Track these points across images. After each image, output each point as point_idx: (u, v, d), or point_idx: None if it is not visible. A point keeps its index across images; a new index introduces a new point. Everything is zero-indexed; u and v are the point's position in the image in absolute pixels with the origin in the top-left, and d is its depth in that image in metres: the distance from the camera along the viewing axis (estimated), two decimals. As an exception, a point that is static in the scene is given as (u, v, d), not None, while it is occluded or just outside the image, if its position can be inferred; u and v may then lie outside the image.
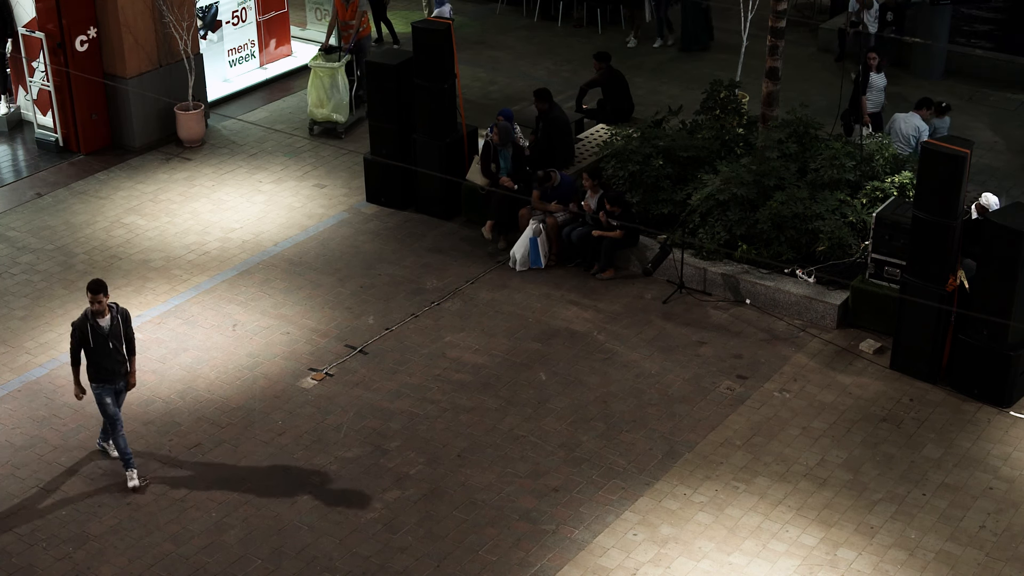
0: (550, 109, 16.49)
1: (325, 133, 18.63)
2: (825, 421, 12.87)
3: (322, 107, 18.57)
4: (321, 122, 18.66)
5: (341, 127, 18.66)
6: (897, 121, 16.55)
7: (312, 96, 18.64)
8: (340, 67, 18.54)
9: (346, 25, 19.19)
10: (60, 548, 11.30)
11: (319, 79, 18.49)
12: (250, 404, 13.16)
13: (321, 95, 18.54)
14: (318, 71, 18.53)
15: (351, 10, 19.12)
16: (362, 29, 19.16)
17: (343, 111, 18.62)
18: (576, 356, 13.89)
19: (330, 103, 18.51)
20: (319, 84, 18.51)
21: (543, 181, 15.42)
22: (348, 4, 19.15)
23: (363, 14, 19.18)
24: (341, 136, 18.58)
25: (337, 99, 18.52)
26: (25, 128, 18.96)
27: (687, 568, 11.08)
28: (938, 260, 12.91)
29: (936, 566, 11.09)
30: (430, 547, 11.30)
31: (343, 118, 18.63)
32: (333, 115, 18.57)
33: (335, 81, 18.47)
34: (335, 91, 18.50)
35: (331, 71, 18.47)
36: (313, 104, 18.65)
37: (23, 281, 15.31)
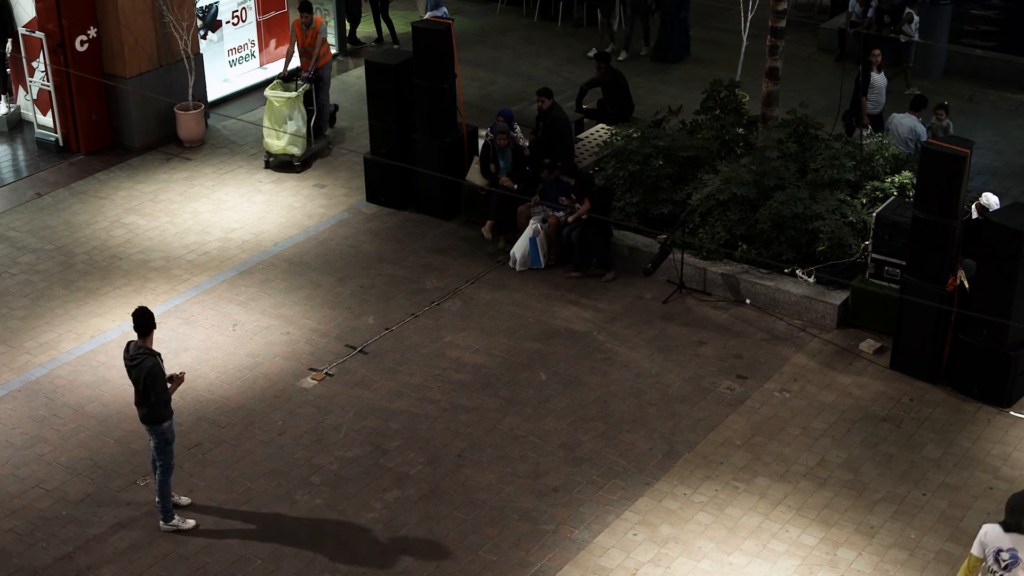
0: (551, 108, 16.50)
1: (281, 166, 17.76)
2: (825, 421, 12.87)
3: (277, 139, 17.59)
4: (276, 155, 17.71)
5: (297, 160, 17.67)
6: (895, 121, 16.56)
7: (267, 127, 17.70)
8: (297, 97, 17.62)
9: (305, 52, 18.13)
10: (60, 548, 11.30)
11: (275, 109, 17.54)
12: (250, 404, 13.16)
13: (277, 127, 17.61)
14: (273, 101, 17.56)
15: (311, 36, 18.03)
16: (323, 56, 18.14)
17: (300, 143, 17.62)
18: (576, 356, 13.89)
19: (286, 135, 17.58)
20: (275, 115, 17.55)
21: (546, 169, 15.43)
22: (308, 29, 18.07)
23: (323, 41, 18.14)
24: (297, 169, 17.67)
25: (294, 131, 17.58)
26: (25, 128, 18.96)
27: (687, 568, 11.08)
28: (938, 260, 12.91)
29: (936, 566, 11.08)
30: (430, 547, 11.30)
31: (299, 151, 17.63)
32: (289, 148, 17.59)
33: (292, 112, 17.57)
34: (292, 122, 17.57)
35: (288, 101, 17.55)
36: (268, 136, 17.66)
37: (23, 281, 15.31)
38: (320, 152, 18.12)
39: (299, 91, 17.67)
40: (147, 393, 11.04)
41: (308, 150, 17.82)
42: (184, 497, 11.71)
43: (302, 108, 17.68)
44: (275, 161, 17.76)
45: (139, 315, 11.03)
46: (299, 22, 18.04)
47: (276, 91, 17.68)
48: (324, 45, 18.12)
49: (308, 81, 17.87)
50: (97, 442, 12.60)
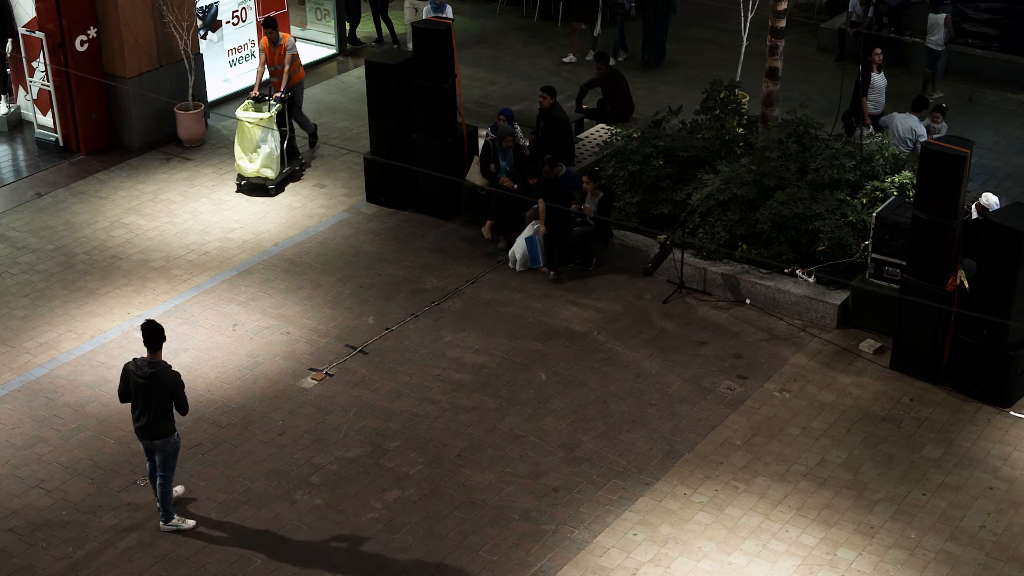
0: (553, 107, 16.50)
1: (254, 189, 17.14)
2: (825, 421, 12.87)
3: (250, 162, 16.97)
4: (249, 178, 17.10)
5: (271, 183, 17.05)
6: (894, 120, 16.55)
7: (239, 149, 17.06)
8: (270, 118, 16.96)
9: (275, 70, 17.54)
10: (60, 548, 11.30)
11: (246, 131, 16.94)
12: (250, 404, 13.16)
13: (249, 149, 16.98)
14: (245, 122, 16.96)
15: (279, 53, 17.42)
16: (295, 74, 17.59)
17: (273, 166, 16.98)
18: (576, 356, 13.88)
19: (259, 158, 16.93)
20: (246, 137, 16.95)
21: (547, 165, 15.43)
22: (275, 47, 17.42)
23: (294, 58, 17.52)
24: (271, 193, 17.06)
25: (267, 153, 16.92)
26: (25, 128, 18.96)
27: (687, 568, 11.08)
28: (938, 260, 12.91)
29: (936, 566, 11.09)
30: (430, 547, 11.30)
31: (273, 174, 17.00)
32: (262, 171, 16.97)
33: (264, 134, 16.94)
34: (264, 144, 16.93)
35: (260, 122, 16.92)
36: (240, 158, 17.05)
37: (23, 281, 15.31)
38: (293, 175, 17.55)
39: (271, 111, 17.00)
40: (170, 406, 11.07)
41: (282, 173, 17.22)
42: (179, 487, 11.75)
43: (275, 129, 17.04)
44: (247, 185, 17.14)
45: (150, 329, 11.02)
46: (266, 40, 17.51)
47: (248, 112, 17.09)
48: (295, 62, 17.58)
49: (281, 101, 17.21)
50: (97, 442, 12.60)
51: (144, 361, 11.03)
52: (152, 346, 11.02)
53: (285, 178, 17.37)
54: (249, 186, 17.13)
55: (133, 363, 11.06)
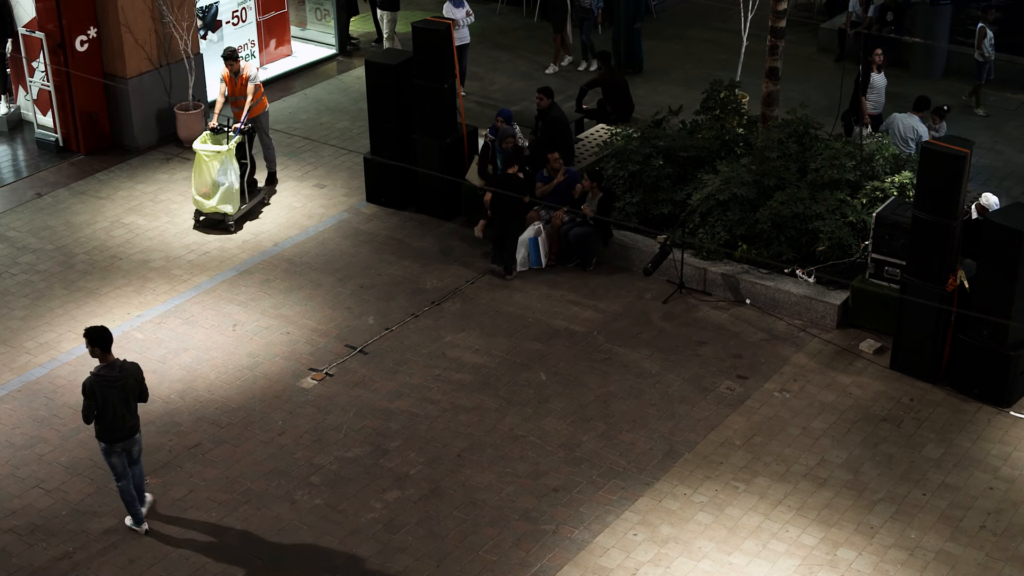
0: (550, 108, 16.50)
1: (213, 225, 16.21)
2: (825, 421, 12.87)
3: (208, 197, 16.07)
4: (207, 213, 16.18)
5: (230, 219, 16.15)
6: (895, 121, 16.55)
7: (196, 183, 16.16)
8: (229, 151, 16.07)
9: (236, 101, 16.80)
10: (60, 548, 11.30)
11: (204, 165, 16.01)
12: (250, 404, 13.16)
13: (207, 183, 16.05)
14: (203, 155, 16.01)
15: (240, 84, 16.69)
16: (257, 104, 16.75)
17: (233, 201, 16.11)
18: (576, 356, 13.88)
19: (217, 193, 16.00)
20: (204, 170, 16.02)
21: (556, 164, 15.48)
22: (237, 77, 16.70)
23: (256, 88, 16.72)
24: (231, 230, 16.19)
25: (225, 188, 16.00)
26: (25, 128, 18.96)
27: (687, 568, 11.08)
28: (938, 260, 12.91)
29: (936, 566, 11.09)
30: (430, 547, 11.30)
31: (232, 209, 16.12)
32: (220, 207, 16.05)
33: (223, 167, 16.01)
34: (223, 178, 16.01)
35: (218, 155, 15.99)
36: (197, 193, 16.15)
37: (23, 281, 15.31)
38: (256, 209, 16.68)
39: (230, 144, 16.14)
40: (141, 396, 11.15)
41: (242, 208, 16.35)
42: (149, 495, 11.74)
43: (234, 162, 16.17)
44: (206, 220, 16.22)
45: (100, 333, 10.91)
46: (227, 72, 16.79)
47: (205, 144, 16.19)
48: (257, 92, 16.78)
49: (240, 133, 16.38)
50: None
51: (104, 367, 10.93)
52: (107, 348, 10.92)
53: (246, 214, 16.47)
54: (207, 222, 16.23)
55: (94, 377, 10.89)
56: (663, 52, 21.87)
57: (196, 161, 16.11)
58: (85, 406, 10.95)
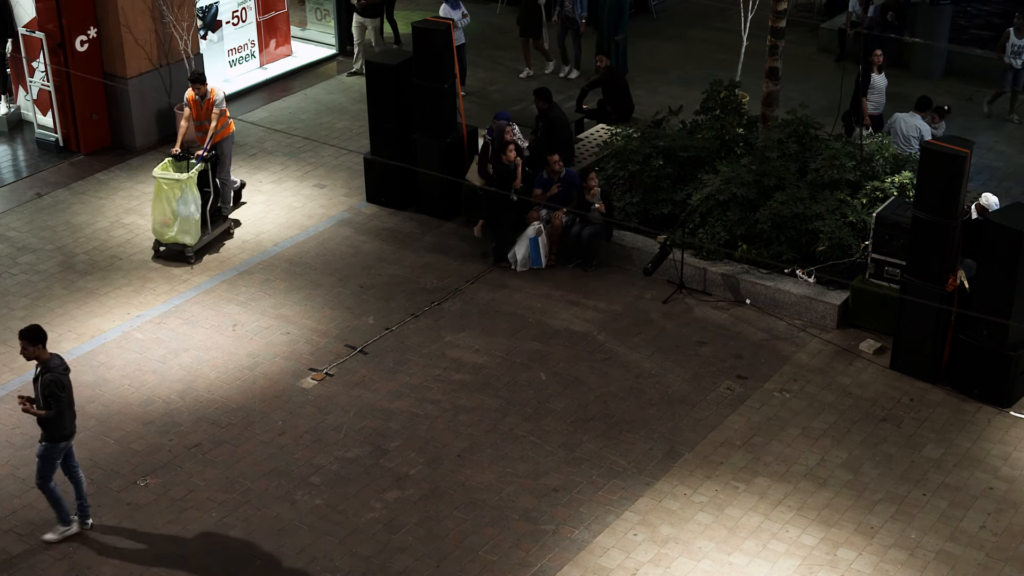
0: (550, 109, 16.50)
1: (173, 256, 15.60)
2: (825, 421, 12.87)
3: (167, 226, 15.40)
4: (167, 243, 15.56)
5: (190, 251, 15.50)
6: (898, 121, 16.54)
7: (156, 213, 15.48)
8: (190, 179, 15.38)
9: (200, 126, 16.17)
10: (60, 548, 11.30)
11: (164, 193, 15.34)
12: (250, 404, 13.16)
13: (166, 212, 15.38)
14: (162, 183, 15.33)
15: (206, 108, 16.06)
16: (221, 130, 16.03)
17: (192, 232, 15.42)
18: (576, 356, 13.88)
19: (176, 222, 15.36)
20: (164, 199, 15.35)
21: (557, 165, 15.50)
22: (203, 100, 16.07)
23: (222, 113, 16.02)
24: (191, 262, 15.52)
25: (185, 218, 15.35)
26: (25, 128, 18.96)
27: (687, 568, 11.08)
28: (938, 260, 12.91)
29: (936, 566, 11.09)
30: (430, 547, 11.30)
31: (192, 240, 15.44)
32: (180, 237, 15.40)
33: (184, 196, 15.33)
34: (183, 207, 15.34)
35: (178, 184, 15.31)
36: (157, 222, 15.50)
37: (23, 281, 15.31)
38: (220, 238, 16.02)
39: (192, 172, 15.46)
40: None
41: (203, 239, 15.66)
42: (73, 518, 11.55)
43: (195, 191, 15.45)
44: (166, 251, 15.63)
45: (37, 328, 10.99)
46: (192, 94, 16.16)
47: (166, 172, 15.50)
48: (222, 117, 16.04)
49: (203, 160, 15.65)
50: (97, 442, 12.60)
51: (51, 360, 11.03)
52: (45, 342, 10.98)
53: (208, 243, 15.81)
54: (166, 252, 15.63)
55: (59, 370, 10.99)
56: (663, 52, 21.87)
57: (155, 189, 15.40)
58: (60, 401, 10.95)
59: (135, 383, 13.45)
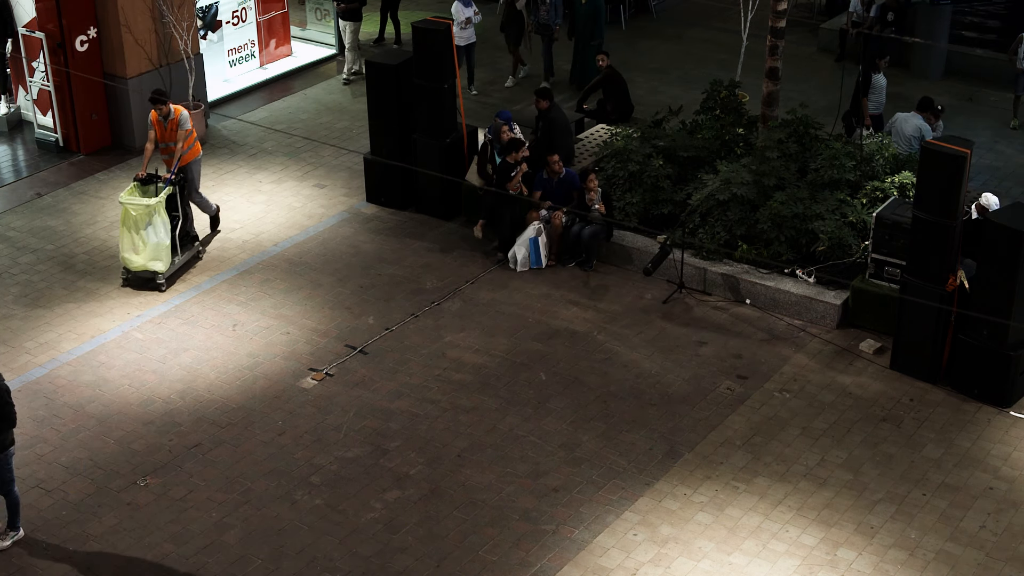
0: (550, 108, 16.50)
1: (142, 283, 15.05)
2: (825, 421, 12.87)
3: (136, 253, 14.80)
4: (135, 271, 14.95)
5: (161, 277, 14.92)
6: (898, 121, 16.54)
7: (124, 239, 14.84)
8: (158, 203, 14.79)
9: (165, 147, 15.49)
10: (60, 548, 11.30)
11: (131, 219, 14.72)
12: (250, 404, 13.16)
13: (134, 238, 14.77)
14: (129, 209, 14.70)
15: (170, 129, 15.35)
16: (188, 151, 15.44)
17: (163, 257, 14.83)
18: (576, 356, 13.88)
19: (145, 249, 14.76)
20: (131, 224, 14.74)
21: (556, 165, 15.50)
22: (167, 121, 15.31)
23: (188, 133, 15.37)
24: (162, 288, 14.96)
25: (154, 244, 14.76)
26: (25, 128, 18.96)
27: (687, 568, 11.08)
28: (938, 260, 12.91)
29: (936, 566, 11.09)
30: (430, 547, 11.30)
31: (163, 267, 14.86)
32: (149, 264, 14.81)
33: (152, 221, 14.75)
34: (152, 233, 14.76)
35: (146, 209, 14.71)
36: (125, 249, 14.85)
37: (23, 281, 15.31)
38: (189, 263, 15.50)
39: (160, 196, 14.90)
40: None
41: (173, 265, 15.10)
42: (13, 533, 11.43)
43: (164, 216, 14.88)
44: (134, 278, 15.06)
45: None
46: (155, 115, 15.36)
47: (132, 197, 14.92)
48: (189, 137, 15.42)
49: (171, 183, 15.05)
50: (97, 442, 12.60)
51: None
52: None
53: (178, 269, 15.28)
54: (136, 279, 15.07)
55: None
56: (663, 52, 21.87)
57: (122, 215, 14.79)
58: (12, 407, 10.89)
59: (135, 383, 13.45)
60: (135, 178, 15.21)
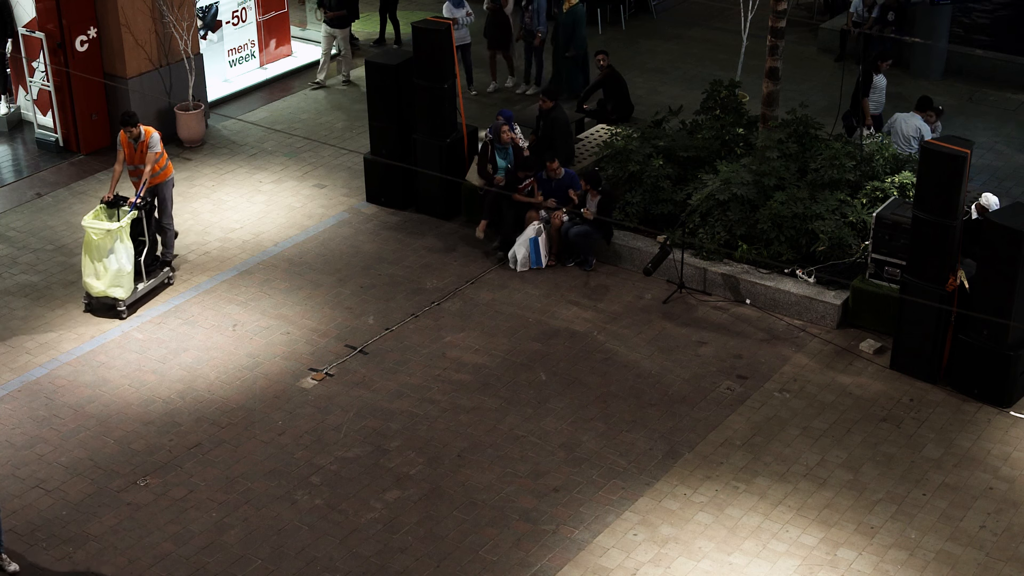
0: (553, 108, 16.51)
1: (104, 310, 14.56)
2: (825, 421, 12.87)
3: (97, 278, 14.31)
4: (97, 297, 14.45)
5: (122, 304, 14.41)
6: (898, 121, 16.53)
7: (86, 264, 14.34)
8: (122, 228, 14.30)
9: (134, 169, 15.03)
10: (60, 548, 11.30)
11: (94, 244, 14.22)
12: (250, 404, 13.16)
13: (96, 264, 14.28)
14: (92, 232, 14.19)
15: (140, 151, 14.91)
16: (159, 173, 14.96)
17: (125, 284, 14.34)
18: (576, 356, 13.88)
19: (107, 274, 14.25)
20: (94, 248, 14.24)
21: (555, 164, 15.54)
22: (137, 143, 14.88)
23: (158, 156, 14.86)
24: (123, 316, 14.45)
25: (115, 270, 14.25)
26: (25, 128, 18.96)
27: (687, 568, 11.08)
28: (938, 260, 12.91)
29: (936, 566, 11.09)
30: (430, 547, 11.30)
31: (124, 293, 14.36)
32: (110, 290, 14.30)
33: (114, 247, 14.26)
34: (114, 259, 14.24)
35: (108, 233, 14.19)
36: (86, 274, 14.35)
37: (23, 281, 15.31)
38: (157, 289, 15.00)
39: (123, 220, 14.39)
40: None
41: (136, 292, 14.60)
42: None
43: (128, 241, 14.38)
44: (96, 304, 14.55)
45: None
46: (124, 136, 14.89)
47: (97, 220, 14.40)
48: (160, 160, 14.92)
49: (136, 207, 14.51)
50: (97, 442, 12.60)
51: None
52: None
53: (144, 295, 14.80)
54: (97, 306, 14.59)
55: None
56: (663, 52, 21.87)
57: (85, 240, 14.33)
58: None
59: (135, 383, 13.45)
60: (101, 200, 14.68)
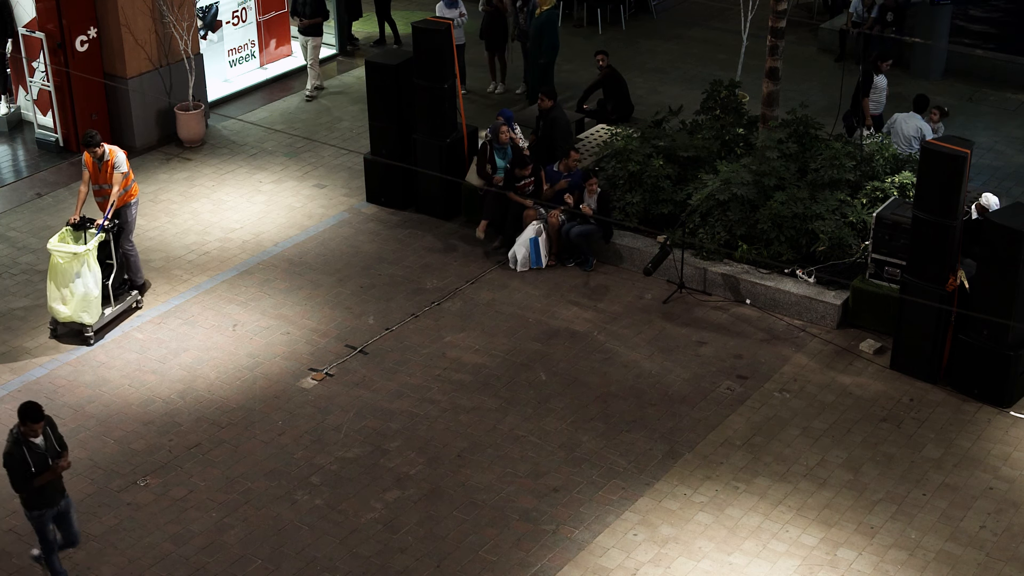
0: (552, 108, 16.51)
1: (72, 335, 14.11)
2: (825, 421, 12.87)
3: (63, 303, 13.79)
4: (63, 322, 13.97)
5: (89, 330, 13.94)
6: (898, 121, 16.54)
7: (51, 289, 13.83)
8: (88, 252, 13.79)
9: (99, 190, 14.50)
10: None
11: (59, 268, 13.71)
12: (250, 404, 13.16)
13: (62, 289, 13.77)
14: (57, 256, 13.70)
15: (105, 171, 14.31)
16: (125, 194, 14.46)
17: (91, 309, 13.86)
18: (576, 356, 13.88)
19: (73, 299, 13.76)
20: (59, 274, 13.74)
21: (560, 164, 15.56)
22: (101, 163, 14.28)
23: (124, 176, 14.30)
24: (90, 342, 13.98)
25: (82, 295, 13.75)
26: (25, 128, 18.96)
27: (687, 568, 11.09)
28: (938, 260, 12.91)
29: (936, 566, 11.09)
30: (430, 547, 11.30)
31: (91, 319, 13.90)
32: (78, 316, 13.83)
33: (81, 271, 13.73)
34: (80, 283, 13.74)
35: (74, 257, 13.68)
36: (52, 299, 13.85)
37: (23, 281, 15.31)
38: (125, 314, 14.54)
39: (90, 244, 13.91)
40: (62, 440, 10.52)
41: (104, 317, 14.15)
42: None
43: (94, 264, 13.87)
44: (63, 330, 14.11)
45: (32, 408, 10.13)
46: (89, 157, 14.33)
47: (63, 243, 13.91)
48: (125, 179, 14.37)
49: (103, 230, 14.06)
50: (97, 442, 12.60)
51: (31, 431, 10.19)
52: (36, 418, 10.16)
53: (113, 320, 14.34)
54: (64, 331, 14.14)
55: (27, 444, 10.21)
56: (663, 52, 21.87)
57: (50, 263, 13.82)
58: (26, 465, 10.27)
59: (135, 383, 13.45)
60: (67, 222, 14.12)
